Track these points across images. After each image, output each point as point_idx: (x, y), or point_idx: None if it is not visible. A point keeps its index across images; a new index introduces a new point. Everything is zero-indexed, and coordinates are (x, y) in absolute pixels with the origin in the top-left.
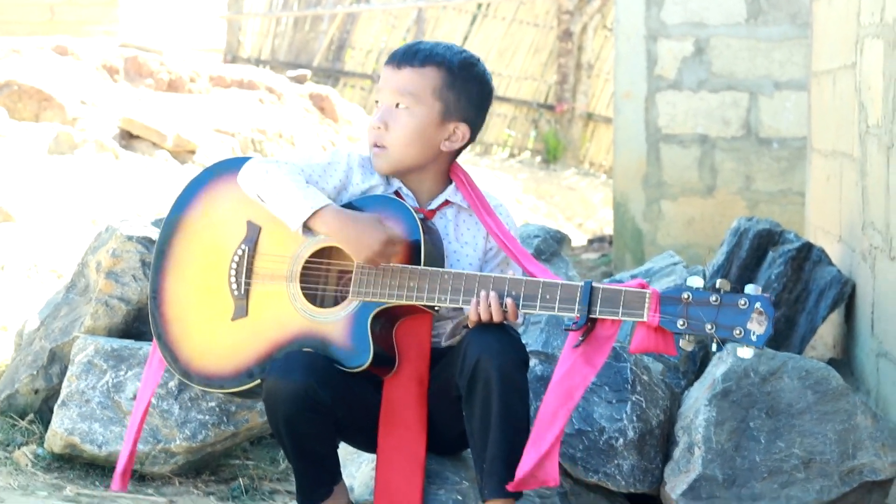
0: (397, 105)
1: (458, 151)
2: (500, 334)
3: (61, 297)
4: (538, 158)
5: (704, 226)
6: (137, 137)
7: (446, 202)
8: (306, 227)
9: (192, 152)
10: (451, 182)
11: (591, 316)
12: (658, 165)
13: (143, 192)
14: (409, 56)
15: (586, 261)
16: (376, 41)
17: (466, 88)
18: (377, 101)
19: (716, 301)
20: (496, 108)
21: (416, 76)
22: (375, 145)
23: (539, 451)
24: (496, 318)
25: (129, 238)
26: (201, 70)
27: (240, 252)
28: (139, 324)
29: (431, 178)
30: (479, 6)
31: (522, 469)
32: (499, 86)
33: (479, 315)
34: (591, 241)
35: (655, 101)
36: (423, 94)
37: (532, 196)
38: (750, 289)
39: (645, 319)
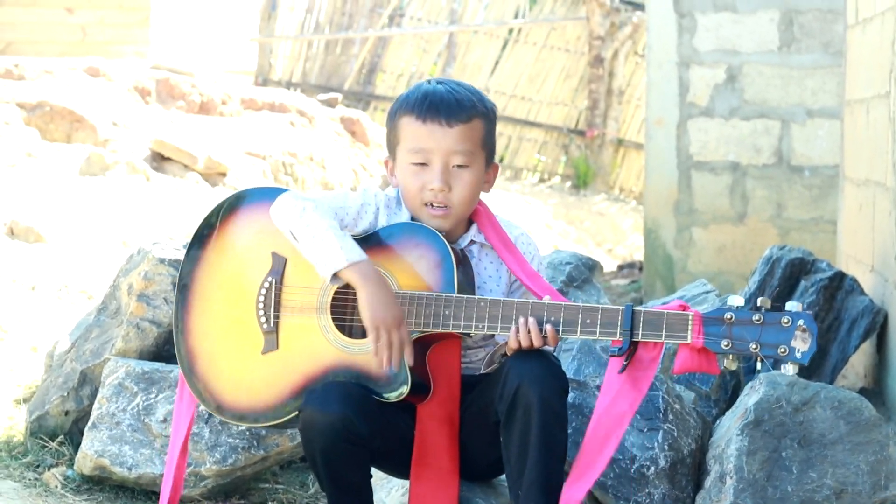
0: (455, 165)
1: None
2: (542, 361)
3: (92, 319)
4: (568, 184)
5: (735, 253)
6: (169, 159)
7: (471, 241)
8: (335, 275)
9: (224, 175)
10: (472, 222)
11: (633, 340)
12: (689, 192)
13: (174, 214)
14: (454, 112)
15: (616, 287)
16: (407, 65)
17: (494, 130)
18: (422, 163)
19: (759, 320)
20: (527, 134)
21: (467, 132)
22: (433, 205)
23: (590, 480)
24: (536, 343)
25: (161, 261)
26: (233, 92)
27: (266, 284)
28: (170, 346)
29: (462, 222)
30: (511, 31)
31: (575, 498)
32: (529, 111)
33: (518, 342)
34: (620, 268)
35: (687, 128)
36: (475, 148)
37: (562, 221)
38: (792, 306)
39: (689, 341)
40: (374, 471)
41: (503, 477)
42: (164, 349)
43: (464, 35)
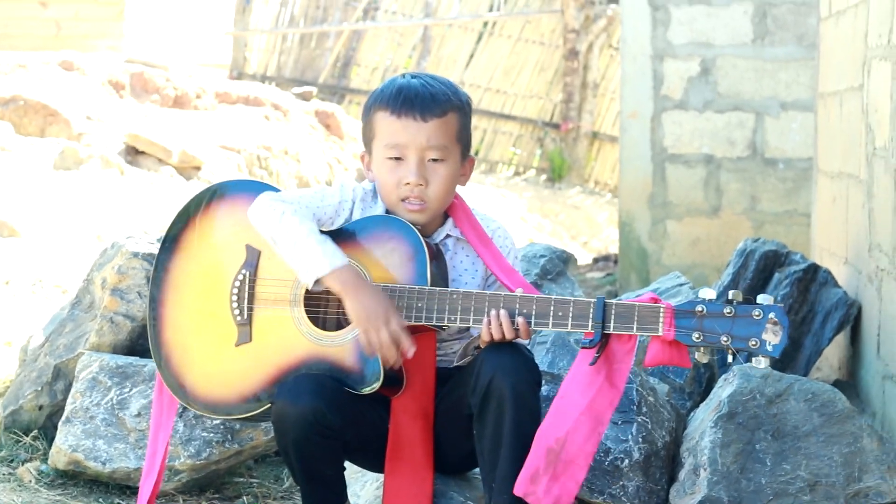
0: (431, 159)
1: None
2: (515, 354)
3: (66, 314)
4: (543, 177)
5: (710, 246)
6: (143, 153)
7: (447, 235)
8: (316, 281)
9: (198, 168)
10: (448, 216)
11: (605, 332)
12: (664, 185)
13: (149, 207)
14: (429, 106)
15: (591, 280)
16: (382, 59)
17: (469, 123)
18: (398, 157)
19: (730, 313)
20: (502, 127)
21: (442, 126)
22: (410, 199)
23: (577, 480)
24: (508, 336)
25: (135, 255)
26: (207, 86)
27: (241, 277)
28: (144, 341)
29: (438, 216)
30: (485, 24)
31: (565, 500)
32: (504, 104)
33: (490, 334)
34: (595, 260)
35: (661, 121)
36: (450, 142)
37: (537, 214)
38: (763, 299)
39: (660, 334)
40: (348, 464)
41: (478, 470)
42: (138, 343)
43: (438, 28)
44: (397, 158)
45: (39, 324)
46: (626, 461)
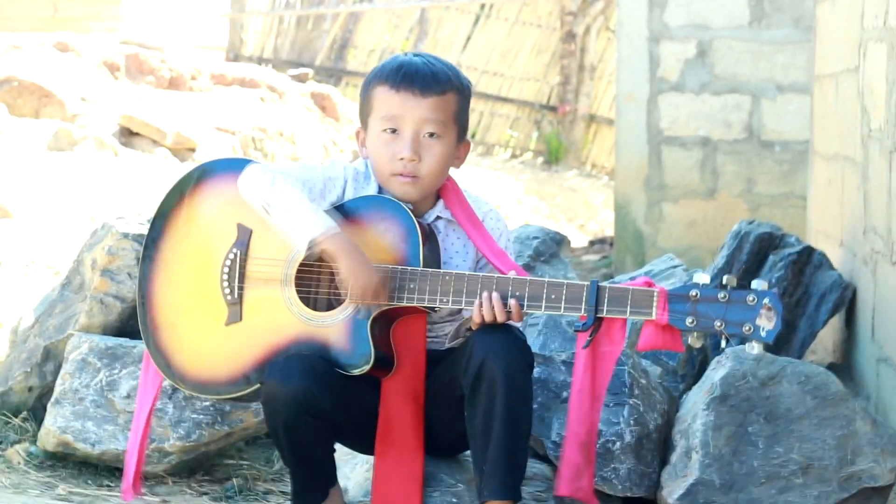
0: (427, 133)
1: None
2: (507, 336)
3: (56, 295)
4: (540, 159)
5: (706, 228)
6: (137, 135)
7: (438, 217)
8: (310, 246)
9: (193, 150)
10: (440, 198)
11: (598, 315)
12: (660, 168)
13: (143, 189)
14: (429, 83)
15: (587, 262)
16: (379, 41)
17: (467, 107)
18: (393, 130)
19: (724, 298)
20: (498, 109)
21: (441, 103)
22: (403, 175)
23: (592, 461)
24: (500, 318)
25: (125, 235)
26: (203, 68)
27: (231, 256)
28: (134, 322)
29: (430, 195)
30: (482, 7)
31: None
32: (501, 86)
33: (482, 316)
34: (592, 243)
35: (657, 104)
36: (447, 120)
37: (534, 197)
38: (757, 284)
39: (653, 318)
40: (338, 446)
41: (469, 452)
42: (128, 325)
43: (435, 10)
44: (393, 131)
45: (30, 305)
46: (618, 444)
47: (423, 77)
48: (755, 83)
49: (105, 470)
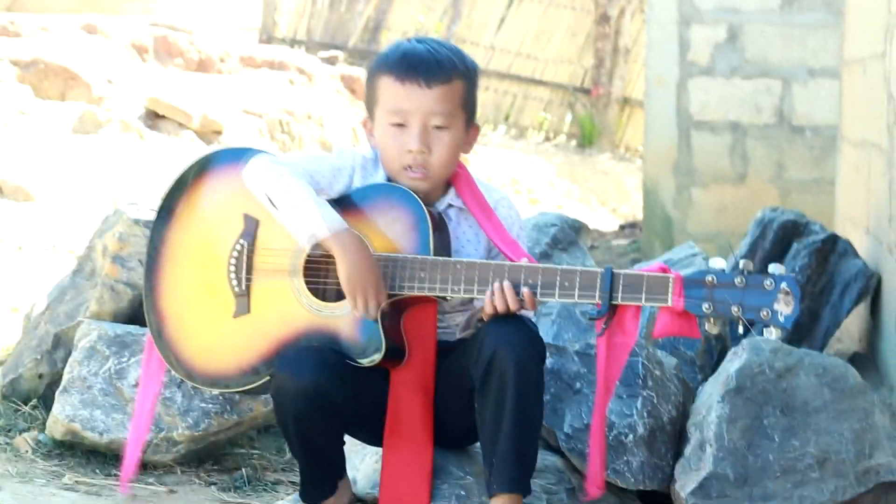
0: (434, 126)
1: None
2: (519, 326)
3: (68, 281)
4: (573, 142)
5: (736, 214)
6: (163, 117)
7: (449, 205)
8: (315, 243)
9: (219, 133)
10: (451, 185)
11: (612, 303)
12: (689, 152)
13: (167, 172)
14: (434, 72)
15: (616, 247)
16: (413, 22)
17: (475, 90)
18: (400, 124)
19: (741, 283)
20: (532, 92)
21: (447, 93)
22: (412, 168)
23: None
24: (512, 307)
25: (136, 222)
26: (231, 50)
27: (238, 247)
28: None
29: (441, 184)
30: None
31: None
32: (535, 69)
33: (494, 306)
34: (622, 227)
35: (687, 88)
36: (455, 109)
37: (566, 180)
38: (774, 268)
39: (669, 304)
40: (347, 438)
41: (479, 444)
42: (139, 312)
43: None
44: (400, 125)
45: (47, 290)
46: (631, 436)
47: (428, 66)
48: (786, 67)
49: (113, 459)
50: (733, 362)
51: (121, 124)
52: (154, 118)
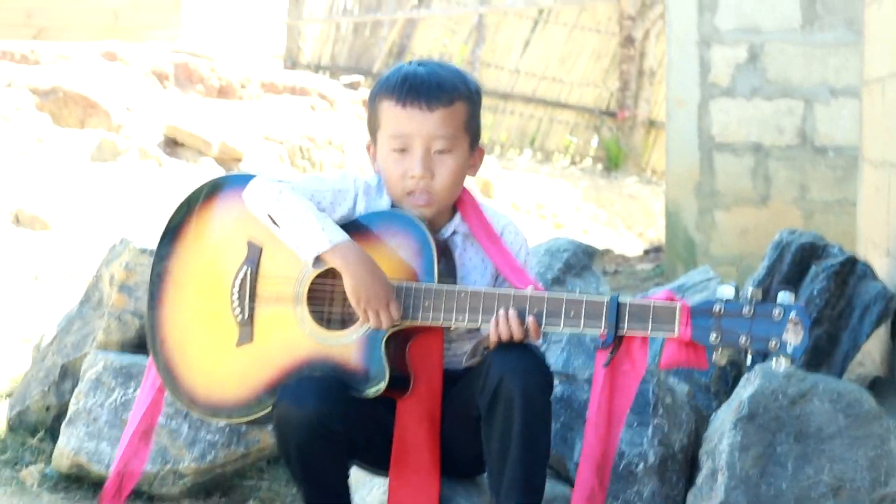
0: (437, 150)
1: None
2: (525, 354)
3: (75, 311)
4: (599, 166)
5: (758, 236)
6: (182, 145)
7: (455, 231)
8: (317, 259)
9: (239, 160)
10: (456, 211)
11: (619, 333)
12: (711, 174)
13: None
14: (436, 95)
15: (641, 272)
16: (436, 46)
17: (479, 112)
18: (402, 149)
19: (748, 312)
20: (557, 115)
21: (449, 116)
22: (415, 193)
23: (605, 486)
24: (517, 336)
25: (143, 251)
26: (252, 76)
27: (241, 274)
28: None
29: (446, 209)
30: (541, 12)
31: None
32: (560, 92)
33: (499, 335)
34: (647, 252)
35: (708, 109)
36: (457, 132)
37: (592, 204)
38: (783, 298)
39: (676, 335)
40: (354, 469)
41: (486, 474)
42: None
43: (493, 16)
44: (402, 150)
45: (58, 321)
46: (641, 465)
47: (429, 89)
48: (808, 87)
49: None
50: (746, 388)
51: (139, 152)
52: (173, 145)
